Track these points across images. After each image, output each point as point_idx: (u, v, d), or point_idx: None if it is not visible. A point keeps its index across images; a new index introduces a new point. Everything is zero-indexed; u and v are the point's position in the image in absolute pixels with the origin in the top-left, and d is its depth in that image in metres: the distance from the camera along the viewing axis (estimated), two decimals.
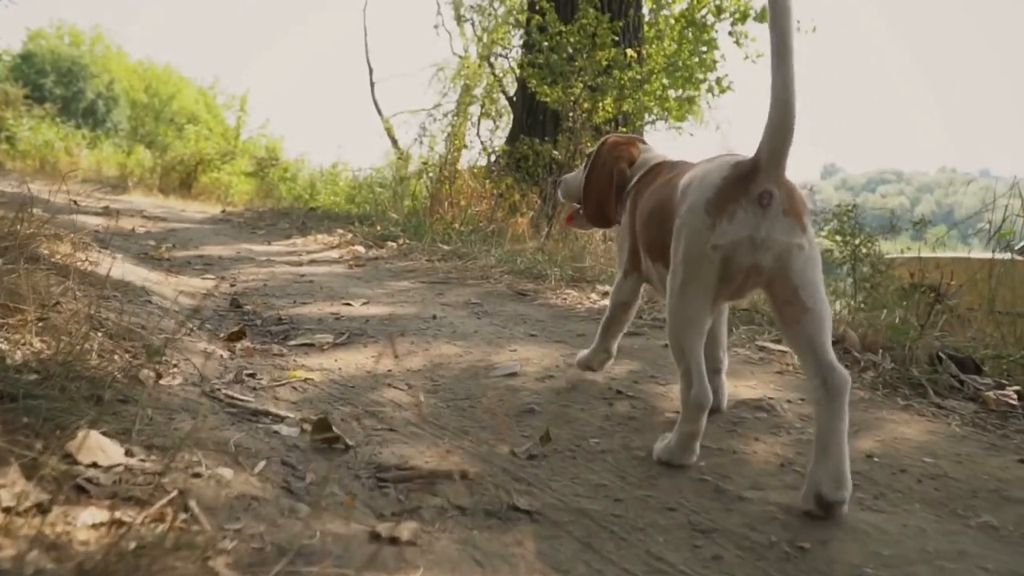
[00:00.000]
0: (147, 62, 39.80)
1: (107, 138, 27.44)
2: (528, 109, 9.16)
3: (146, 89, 37.99)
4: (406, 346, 2.68)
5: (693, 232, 1.57)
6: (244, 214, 9.13)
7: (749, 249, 1.52)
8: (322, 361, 2.51)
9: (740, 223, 1.52)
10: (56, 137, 19.47)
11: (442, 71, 21.61)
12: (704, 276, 1.57)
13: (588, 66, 7.35)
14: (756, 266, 1.54)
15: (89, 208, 8.05)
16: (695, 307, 1.61)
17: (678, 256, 1.61)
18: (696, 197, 1.59)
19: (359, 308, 3.35)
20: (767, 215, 1.52)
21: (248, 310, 3.29)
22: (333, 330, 2.93)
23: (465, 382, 2.30)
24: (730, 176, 1.56)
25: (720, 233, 1.53)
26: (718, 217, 1.54)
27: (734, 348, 2.66)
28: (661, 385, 2.25)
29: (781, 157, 1.51)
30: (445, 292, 3.83)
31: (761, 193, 1.52)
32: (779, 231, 1.52)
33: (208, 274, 4.31)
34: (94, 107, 35.78)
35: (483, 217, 7.32)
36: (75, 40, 38.25)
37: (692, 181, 1.64)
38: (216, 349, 2.47)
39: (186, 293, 3.53)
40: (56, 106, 22.50)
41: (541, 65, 7.48)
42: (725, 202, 1.54)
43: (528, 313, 3.27)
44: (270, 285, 3.97)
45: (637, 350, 2.67)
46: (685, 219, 1.60)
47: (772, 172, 1.52)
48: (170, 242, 5.73)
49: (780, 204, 1.52)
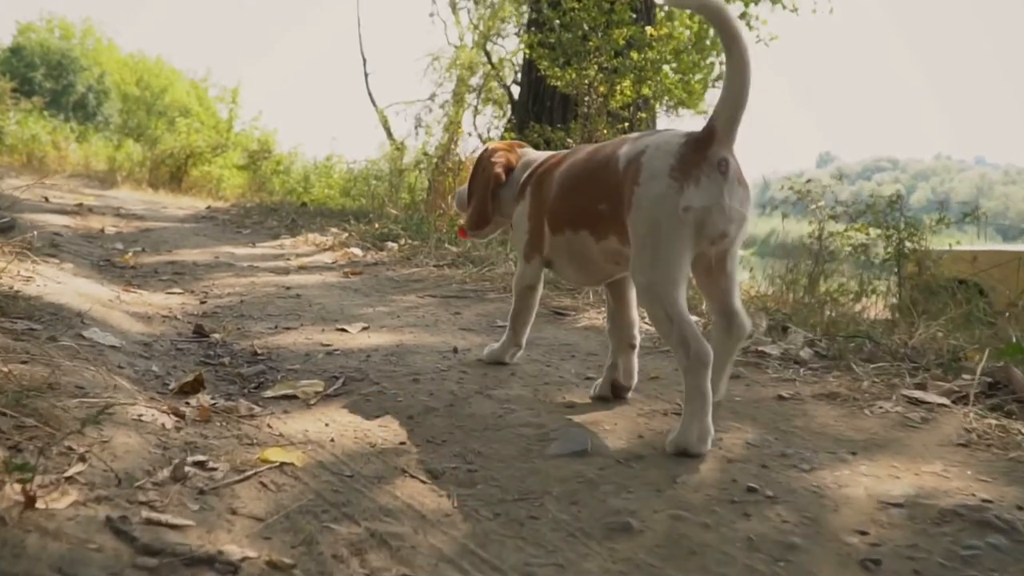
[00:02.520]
0: (138, 55, 38.88)
1: (97, 132, 26.61)
2: (534, 95, 8.39)
3: (137, 82, 37.06)
4: (423, 400, 1.93)
5: (660, 198, 1.57)
6: (230, 211, 8.34)
7: (719, 217, 1.56)
8: (308, 427, 1.76)
9: (706, 189, 1.55)
10: (44, 131, 18.69)
11: (437, 60, 20.87)
12: (679, 238, 1.57)
13: (604, 45, 6.57)
14: (724, 233, 1.58)
15: (62, 205, 7.27)
16: (673, 270, 1.59)
17: (643, 227, 1.61)
18: (658, 164, 1.59)
19: (357, 336, 2.60)
20: (727, 182, 1.56)
21: (216, 340, 2.54)
22: (323, 372, 2.18)
23: (514, 465, 1.55)
24: (689, 143, 1.59)
25: (690, 196, 1.55)
26: (684, 182, 1.56)
27: (875, 401, 1.90)
28: (805, 471, 1.50)
29: (735, 127, 1.57)
30: (462, 310, 3.07)
31: (719, 160, 1.56)
32: (738, 201, 1.58)
33: (175, 287, 3.54)
34: (85, 100, 34.81)
35: None
36: (65, 33, 37.26)
37: (645, 151, 1.64)
38: (157, 415, 1.72)
39: (140, 317, 2.77)
40: (44, 99, 21.69)
41: (553, 45, 6.70)
42: (689, 167, 1.56)
43: (574, 342, 2.52)
44: (248, 302, 3.21)
45: (743, 404, 1.92)
46: (648, 187, 1.60)
47: (727, 141, 1.57)
48: (141, 245, 4.96)
49: (735, 173, 1.58)
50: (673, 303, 1.57)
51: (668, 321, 1.57)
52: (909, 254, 6.17)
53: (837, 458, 1.56)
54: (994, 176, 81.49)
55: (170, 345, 2.45)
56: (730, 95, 1.55)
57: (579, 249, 1.88)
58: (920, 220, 6.29)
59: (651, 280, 1.60)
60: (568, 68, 6.64)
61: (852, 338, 2.42)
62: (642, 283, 1.63)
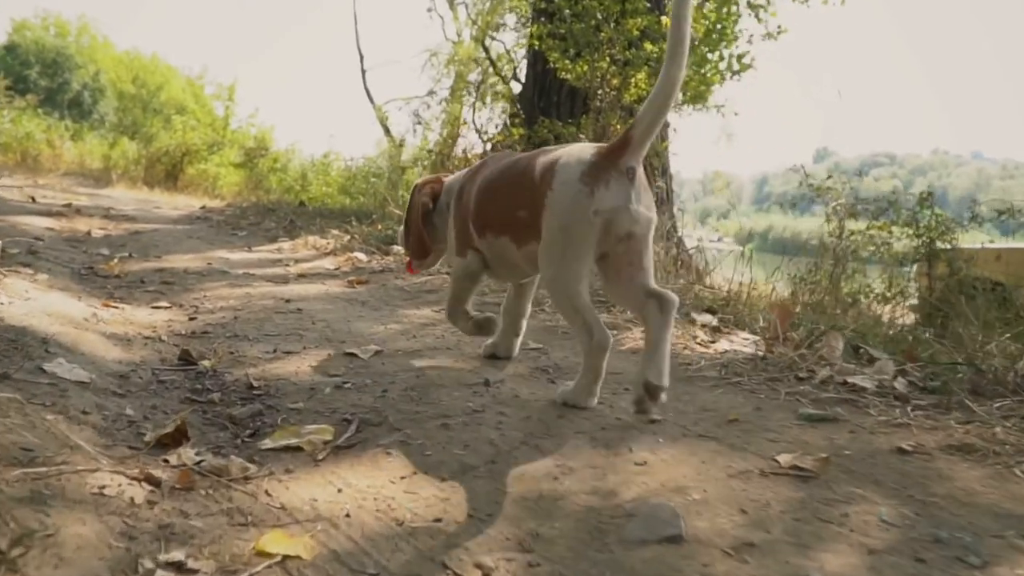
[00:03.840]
0: (134, 52, 38.36)
1: (92, 130, 26.15)
2: (540, 89, 7.99)
3: (133, 80, 36.55)
4: (457, 455, 1.54)
5: (571, 202, 1.69)
6: (225, 211, 7.94)
7: (626, 218, 1.68)
8: (316, 494, 1.38)
9: (615, 192, 1.67)
10: (38, 129, 18.29)
11: (435, 56, 20.50)
12: (586, 239, 1.69)
13: (617, 36, 6.18)
14: (630, 234, 1.71)
15: (49, 206, 6.86)
16: (577, 268, 1.71)
17: (554, 226, 1.72)
18: (569, 172, 1.71)
19: (370, 363, 2.21)
20: (634, 187, 1.69)
21: (205, 369, 2.15)
22: (332, 412, 1.80)
23: (587, 555, 1.17)
24: (600, 153, 1.71)
25: (600, 199, 1.67)
26: (595, 186, 1.67)
27: (1021, 456, 1.52)
28: (976, 568, 1.12)
29: (649, 140, 1.69)
30: None
31: (627, 168, 1.68)
32: (644, 204, 1.71)
33: (162, 300, 3.15)
34: (80, 98, 34.31)
35: None
36: (61, 31, 36.73)
37: (559, 161, 1.75)
38: (125, 484, 1.33)
39: (119, 340, 2.38)
40: (38, 97, 21.26)
41: (563, 35, 6.30)
42: (599, 173, 1.68)
43: (624, 370, 2.13)
44: (243, 318, 2.82)
45: (857, 459, 1.54)
46: (560, 192, 1.71)
47: (639, 150, 1.69)
48: (128, 250, 4.56)
49: (641, 180, 1.71)
50: (577, 295, 1.73)
51: (574, 312, 1.73)
52: (940, 253, 5.81)
53: (1009, 545, 1.19)
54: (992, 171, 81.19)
55: (151, 376, 2.06)
56: (653, 108, 1.65)
57: (501, 253, 1.99)
58: (950, 217, 5.93)
59: (558, 275, 1.74)
60: (579, 60, 6.25)
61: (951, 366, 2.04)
62: (549, 277, 1.77)
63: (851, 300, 6.05)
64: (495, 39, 17.70)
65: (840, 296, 6.09)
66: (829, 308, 5.48)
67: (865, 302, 6.23)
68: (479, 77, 19.38)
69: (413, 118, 18.40)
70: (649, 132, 1.66)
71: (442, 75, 20.56)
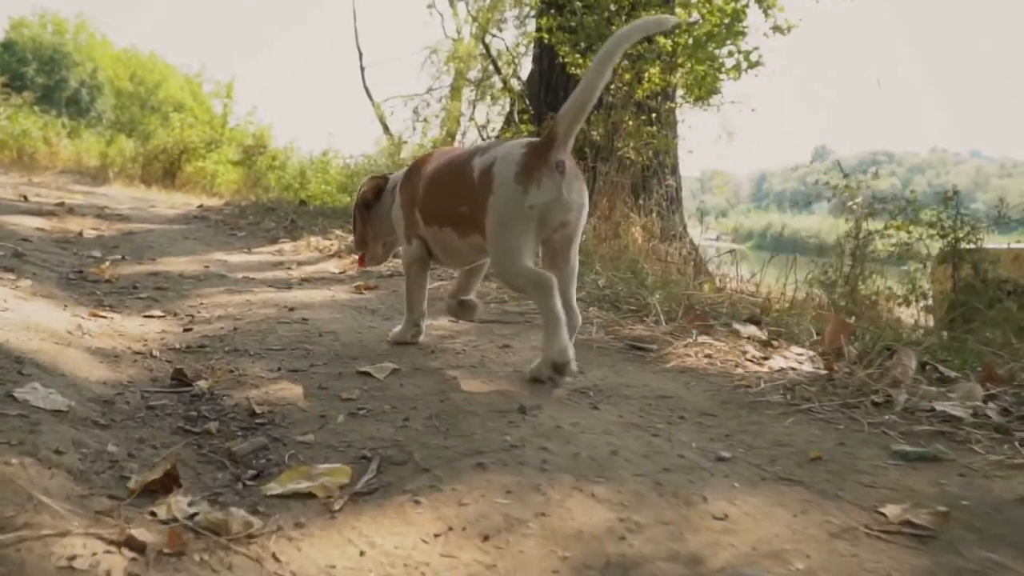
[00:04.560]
0: (132, 50, 38.03)
1: (89, 127, 25.84)
2: (546, 84, 7.73)
3: (131, 77, 36.23)
4: (499, 505, 1.29)
5: (509, 201, 1.86)
6: (224, 209, 7.67)
7: (558, 209, 1.85)
8: (333, 558, 1.13)
9: (547, 188, 1.84)
10: (34, 127, 18.01)
11: (435, 54, 20.25)
12: (526, 231, 1.86)
13: None
14: (564, 222, 1.88)
15: (41, 205, 6.59)
16: (522, 256, 1.87)
17: (496, 225, 1.89)
18: (505, 174, 1.87)
19: (387, 384, 1.95)
20: (565, 179, 1.84)
21: (200, 392, 1.90)
22: (348, 446, 1.55)
23: None
24: (529, 151, 1.87)
25: (534, 195, 1.84)
26: (528, 184, 1.84)
27: None
28: None
29: (573, 134, 1.86)
30: (511, 342, 2.43)
31: (557, 163, 1.84)
32: (576, 194, 1.88)
33: (156, 307, 2.89)
34: (78, 96, 33.97)
35: None
36: (58, 28, 36.38)
37: (495, 163, 1.90)
38: (100, 551, 1.08)
39: (105, 356, 2.12)
40: (35, 94, 20.96)
41: (573, 28, 6.04)
42: (531, 171, 1.84)
43: (673, 393, 1.88)
44: (243, 329, 2.57)
45: (977, 512, 1.30)
46: (499, 193, 1.87)
47: (564, 146, 1.86)
48: (121, 252, 4.30)
49: (572, 171, 1.87)
50: (521, 266, 1.86)
51: (517, 276, 1.87)
52: (965, 254, 5.57)
53: None
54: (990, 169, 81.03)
55: (139, 401, 1.80)
56: (575, 106, 1.81)
57: (446, 242, 2.14)
58: (976, 217, 5.69)
59: (505, 267, 1.90)
60: (590, 54, 5.98)
61: None
62: (498, 270, 1.96)
63: (869, 302, 5.82)
64: (495, 36, 17.43)
65: (859, 298, 5.86)
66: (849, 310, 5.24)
67: (886, 305, 6.00)
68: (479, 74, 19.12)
69: (413, 116, 18.14)
70: (572, 128, 1.85)
71: (442, 72, 20.30)
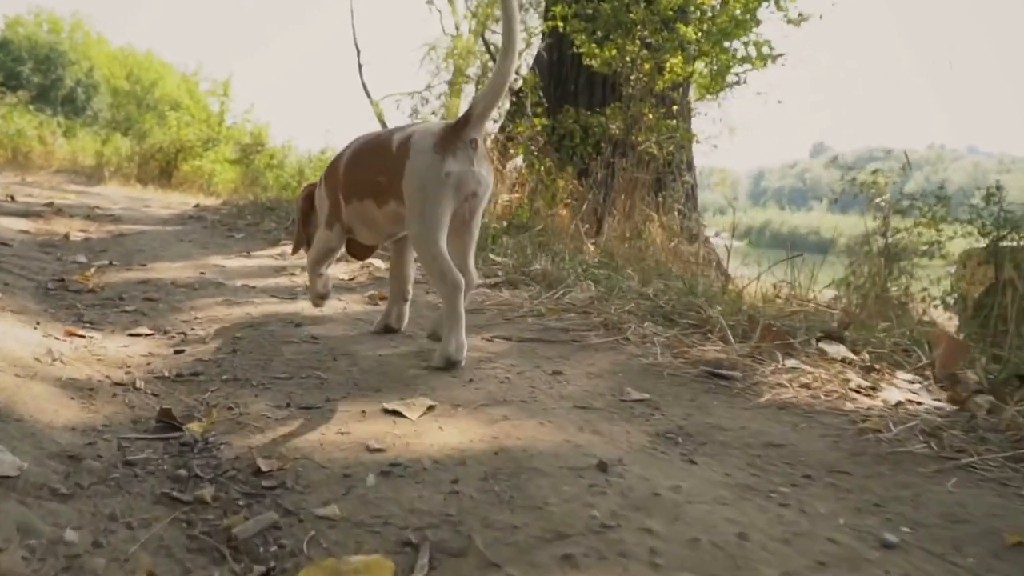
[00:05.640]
0: (128, 49, 37.48)
1: (85, 126, 25.38)
2: (556, 78, 7.33)
3: (127, 76, 35.66)
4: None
5: (427, 167, 1.94)
6: (221, 209, 7.26)
7: (470, 179, 1.96)
8: None
9: (461, 159, 1.94)
10: (29, 126, 17.59)
11: (433, 50, 19.84)
12: (442, 197, 1.94)
13: (647, 18, 5.54)
14: (474, 193, 1.99)
15: (29, 205, 6.18)
16: (437, 222, 1.96)
17: (415, 188, 1.97)
18: (423, 144, 1.97)
19: (422, 427, 1.56)
20: (476, 156, 1.96)
21: (192, 440, 1.51)
22: (384, 523, 1.16)
23: None
24: (448, 127, 1.98)
25: (450, 164, 1.93)
26: (445, 154, 1.94)
27: None
28: None
29: (486, 118, 1.99)
30: (563, 367, 2.04)
31: (471, 140, 1.96)
32: (484, 170, 1.99)
33: (142, 324, 2.50)
34: (74, 95, 33.37)
35: (518, 210, 5.54)
36: (54, 27, 35.79)
37: (413, 135, 2.01)
38: None
39: (78, 390, 1.73)
40: (30, 93, 20.50)
41: (590, 16, 5.65)
42: (448, 143, 1.95)
43: (785, 439, 1.49)
44: (243, 350, 2.17)
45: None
46: (417, 160, 1.96)
47: (478, 126, 1.97)
48: (109, 257, 3.90)
49: (482, 151, 1.99)
50: (435, 245, 1.97)
51: (432, 259, 1.97)
52: (1008, 252, 5.21)
53: None
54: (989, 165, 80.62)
55: (115, 454, 1.41)
56: (490, 92, 1.96)
57: (366, 214, 2.21)
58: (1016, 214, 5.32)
59: (420, 230, 1.99)
60: (607, 44, 5.59)
61: None
62: (414, 232, 2.02)
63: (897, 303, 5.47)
64: (495, 32, 17.01)
65: (889, 299, 5.49)
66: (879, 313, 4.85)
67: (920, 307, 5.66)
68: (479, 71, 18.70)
69: (411, 113, 17.71)
70: (486, 112, 1.96)
71: (440, 69, 19.88)
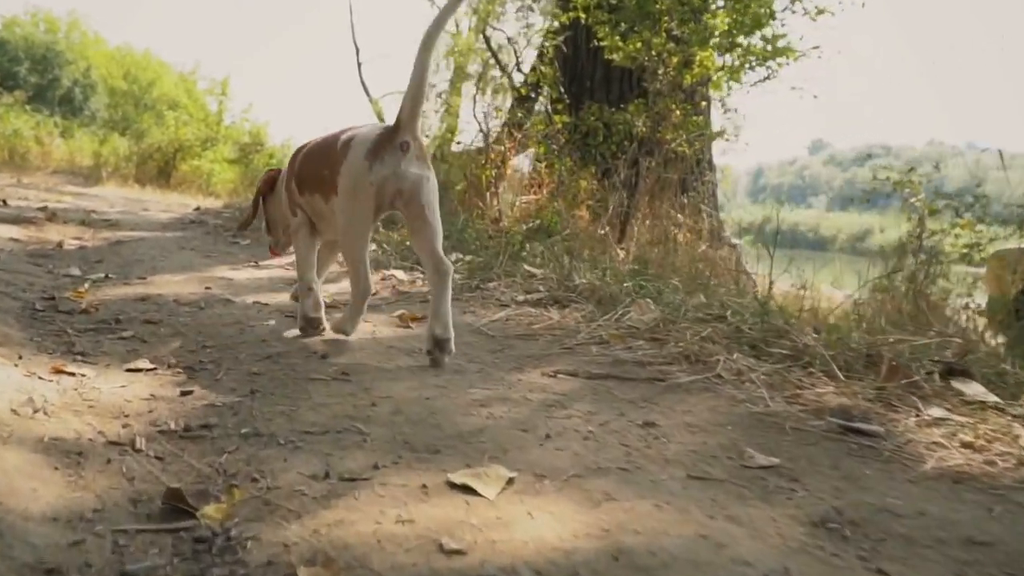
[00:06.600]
0: (125, 48, 37.01)
1: (83, 126, 24.95)
2: (572, 74, 6.98)
3: (125, 76, 35.18)
4: None
5: (357, 174, 2.09)
6: (223, 212, 6.89)
7: (393, 180, 2.08)
8: None
9: (387, 163, 2.07)
10: (26, 126, 17.21)
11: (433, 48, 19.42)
12: (366, 202, 2.09)
13: (675, 8, 5.18)
14: (399, 191, 2.10)
15: (22, 209, 5.81)
16: (361, 224, 2.13)
17: (345, 188, 2.11)
18: (359, 150, 2.10)
19: (503, 511, 1.20)
20: (406, 157, 2.08)
21: (208, 534, 1.15)
22: None
23: None
24: (383, 133, 2.10)
25: (375, 172, 2.07)
26: (374, 161, 2.07)
27: None
28: None
29: (416, 119, 2.10)
30: (653, 416, 1.68)
31: (401, 143, 2.08)
32: (414, 167, 2.09)
33: (143, 353, 2.14)
34: (71, 95, 32.88)
35: (541, 212, 5.19)
36: (51, 27, 35.29)
37: (354, 139, 2.13)
38: None
39: (63, 455, 1.37)
40: (26, 93, 20.08)
41: (615, 6, 5.29)
42: (378, 150, 2.08)
43: (988, 533, 1.15)
44: (264, 390, 1.81)
45: None
46: (351, 165, 2.10)
47: (409, 128, 2.09)
48: (105, 269, 3.53)
49: (414, 151, 2.10)
50: (358, 249, 2.16)
51: (354, 259, 2.16)
52: None
53: None
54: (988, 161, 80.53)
55: (107, 559, 1.06)
56: (410, 95, 2.07)
57: (315, 207, 2.35)
58: None
59: (347, 227, 2.15)
60: (632, 37, 5.24)
61: None
62: (342, 228, 2.17)
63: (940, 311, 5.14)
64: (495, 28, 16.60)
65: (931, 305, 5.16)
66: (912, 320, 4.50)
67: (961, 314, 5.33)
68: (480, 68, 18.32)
69: None
70: (413, 114, 2.08)
71: (441, 67, 19.48)
